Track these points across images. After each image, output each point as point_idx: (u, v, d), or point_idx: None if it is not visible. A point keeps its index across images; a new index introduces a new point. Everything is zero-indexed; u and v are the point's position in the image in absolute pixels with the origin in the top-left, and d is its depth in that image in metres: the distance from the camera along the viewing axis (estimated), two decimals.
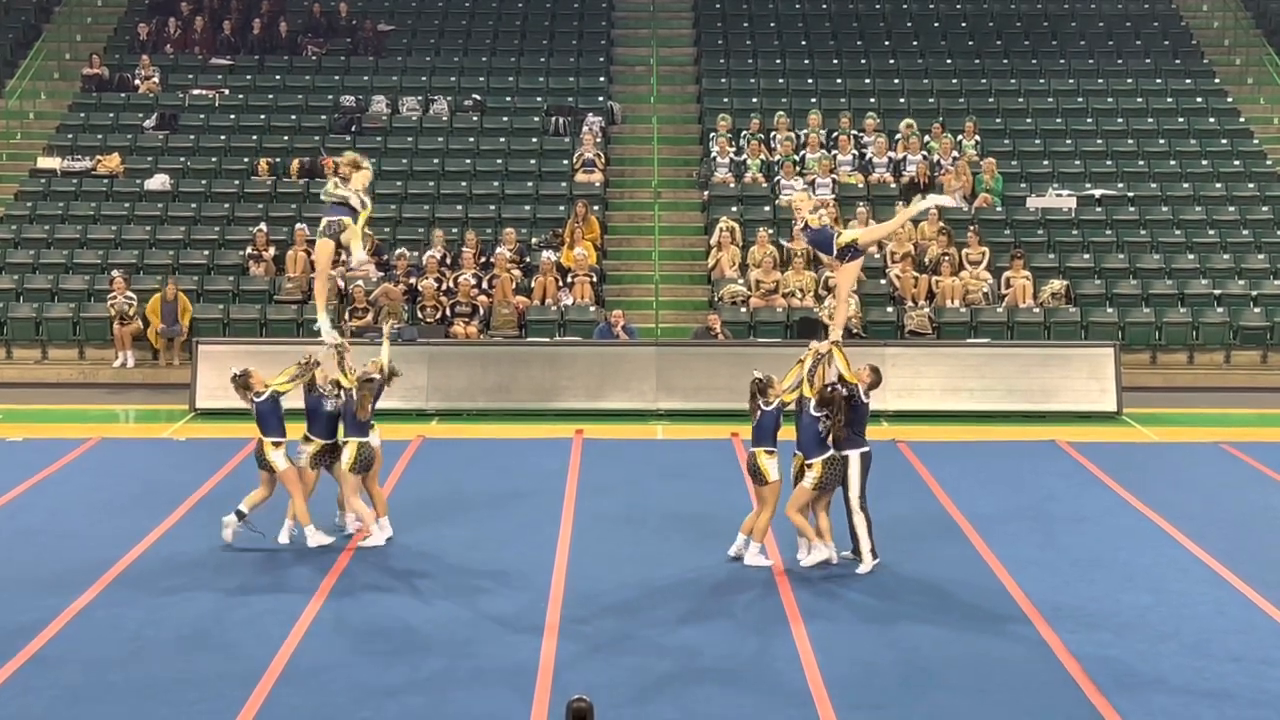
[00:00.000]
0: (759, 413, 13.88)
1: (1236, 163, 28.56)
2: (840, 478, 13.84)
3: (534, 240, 26.13)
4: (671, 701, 10.69)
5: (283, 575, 13.80)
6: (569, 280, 24.92)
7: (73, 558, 14.16)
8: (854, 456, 13.87)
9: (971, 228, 25.76)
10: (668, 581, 13.66)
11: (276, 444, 14.43)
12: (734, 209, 26.79)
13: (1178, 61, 31.63)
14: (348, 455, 14.54)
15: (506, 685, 11.00)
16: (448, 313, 23.94)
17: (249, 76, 30.93)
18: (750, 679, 11.21)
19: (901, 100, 30.04)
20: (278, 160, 28.23)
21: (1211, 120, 29.83)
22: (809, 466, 13.72)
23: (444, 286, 24.36)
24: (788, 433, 14.04)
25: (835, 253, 14.09)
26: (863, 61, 31.46)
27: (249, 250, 25.68)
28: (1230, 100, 30.59)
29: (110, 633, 12.20)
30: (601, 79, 31.09)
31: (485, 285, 24.54)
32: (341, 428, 14.78)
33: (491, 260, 25.02)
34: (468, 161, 28.55)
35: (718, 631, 12.33)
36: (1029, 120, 29.65)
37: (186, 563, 14.13)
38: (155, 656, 11.65)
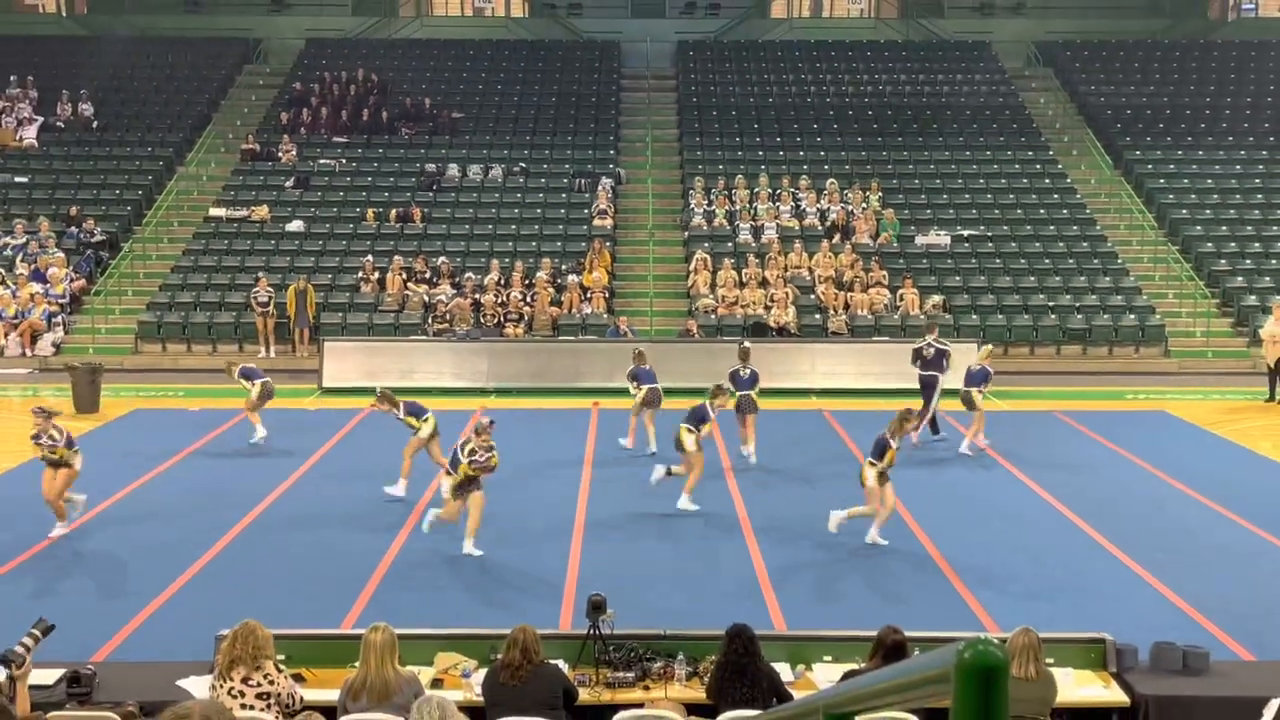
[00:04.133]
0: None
1: (1064, 211, 28.59)
2: None
3: (563, 267, 26.16)
4: (662, 591, 10.77)
5: (382, 508, 13.84)
6: (588, 296, 24.97)
7: (236, 494, 14.26)
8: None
9: (875, 258, 25.80)
10: (658, 508, 13.75)
11: None
12: (706, 245, 26.80)
13: (1022, 139, 31.66)
14: None
15: (542, 583, 11.07)
16: (502, 319, 23.99)
17: (360, 150, 30.96)
18: (713, 577, 11.29)
19: (826, 166, 30.04)
20: (380, 210, 28.27)
21: (1046, 181, 29.87)
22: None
23: (499, 300, 24.41)
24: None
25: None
26: (798, 139, 31.49)
27: (360, 274, 25.71)
28: (1060, 166, 30.62)
29: (259, 548, 12.29)
30: (611, 152, 31.12)
31: (529, 299, 24.60)
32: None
33: (533, 281, 25.07)
34: (516, 211, 28.59)
35: (689, 542, 12.40)
36: (916, 181, 29.68)
37: (314, 500, 14.22)
38: (290, 568, 11.73)
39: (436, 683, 7.78)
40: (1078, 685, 7.90)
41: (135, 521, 13.05)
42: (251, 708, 6.69)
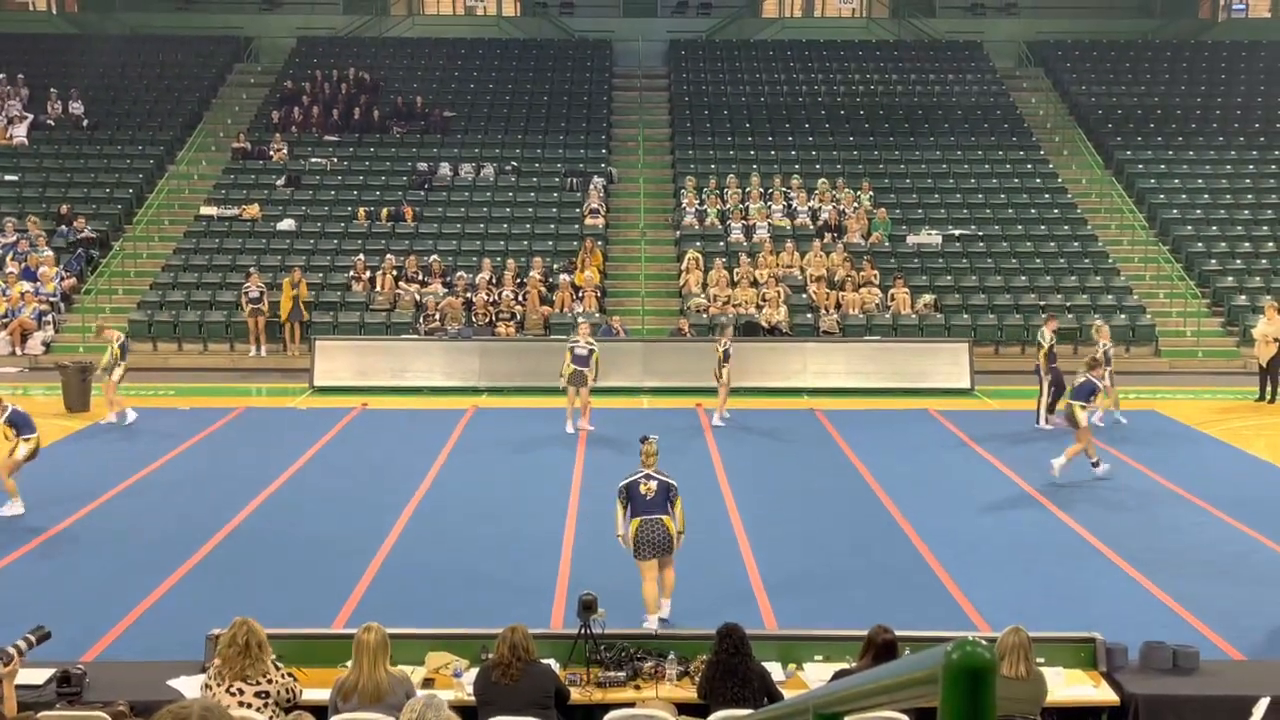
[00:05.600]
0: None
1: (1055, 211, 28.67)
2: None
3: (555, 266, 26.17)
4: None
5: (375, 506, 13.83)
6: (580, 294, 24.96)
7: (227, 492, 14.24)
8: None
9: (867, 257, 25.83)
10: None
11: None
12: (697, 244, 26.83)
13: (1014, 138, 31.73)
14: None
15: (533, 582, 11.05)
16: (494, 318, 23.97)
17: (351, 149, 30.93)
18: (704, 576, 11.28)
19: (818, 166, 30.10)
20: (371, 209, 28.24)
21: (1038, 181, 29.94)
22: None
23: (491, 299, 24.38)
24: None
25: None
26: (790, 138, 31.53)
27: (351, 273, 25.68)
28: (1051, 166, 30.70)
29: (250, 547, 12.27)
30: (603, 151, 31.12)
31: (520, 298, 24.58)
32: None
33: (525, 280, 25.05)
34: (508, 210, 28.58)
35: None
36: (908, 180, 29.74)
37: (305, 499, 14.21)
38: (281, 566, 11.72)
39: (428, 682, 7.78)
40: (1068, 684, 7.92)
41: (125, 520, 13.02)
42: (249, 705, 6.69)
